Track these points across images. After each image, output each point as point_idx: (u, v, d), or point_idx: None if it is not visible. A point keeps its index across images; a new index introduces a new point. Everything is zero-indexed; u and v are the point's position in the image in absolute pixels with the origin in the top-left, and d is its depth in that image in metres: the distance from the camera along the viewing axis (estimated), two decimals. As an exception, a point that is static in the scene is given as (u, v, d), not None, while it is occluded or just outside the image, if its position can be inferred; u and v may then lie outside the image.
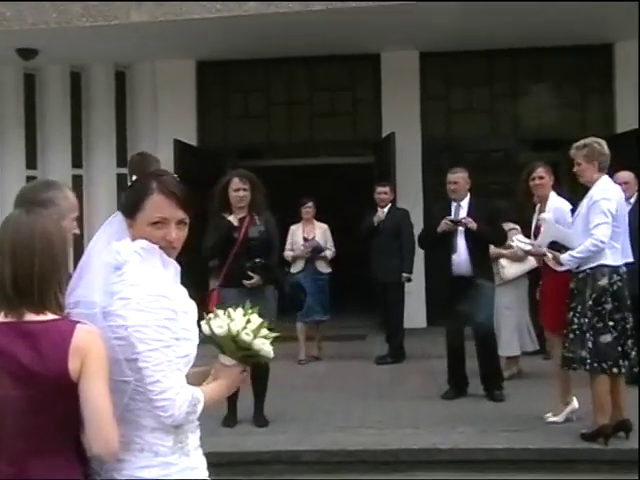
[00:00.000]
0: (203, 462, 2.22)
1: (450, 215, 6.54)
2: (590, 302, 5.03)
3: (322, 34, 9.19)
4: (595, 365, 5.03)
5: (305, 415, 6.14)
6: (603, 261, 5.05)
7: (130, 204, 2.20)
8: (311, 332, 8.50)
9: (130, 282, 2.07)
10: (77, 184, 9.98)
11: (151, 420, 2.07)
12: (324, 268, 8.47)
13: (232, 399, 5.80)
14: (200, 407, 2.11)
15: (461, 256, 6.41)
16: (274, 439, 5.53)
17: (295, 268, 8.36)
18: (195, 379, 2.20)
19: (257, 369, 5.74)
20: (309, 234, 8.51)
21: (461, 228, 6.42)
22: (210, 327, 2.19)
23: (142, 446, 2.07)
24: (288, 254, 8.39)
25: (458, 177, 6.58)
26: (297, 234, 8.53)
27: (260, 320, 2.21)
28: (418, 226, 8.11)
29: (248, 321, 2.18)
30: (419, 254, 8.43)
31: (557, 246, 5.37)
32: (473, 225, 6.35)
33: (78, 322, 2.04)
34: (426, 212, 9.22)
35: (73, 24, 8.43)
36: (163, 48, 9.88)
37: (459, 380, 6.62)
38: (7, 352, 2.00)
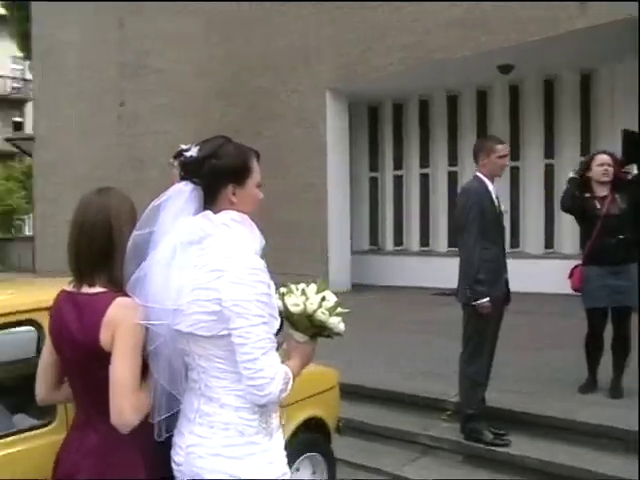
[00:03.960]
0: (282, 443, 2.10)
1: None
2: None
3: None
4: None
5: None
6: None
7: (240, 169, 2.05)
8: None
9: (223, 254, 1.94)
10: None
11: (235, 399, 1.97)
12: None
13: (593, 364, 5.70)
14: (290, 385, 1.97)
15: None
16: (624, 414, 5.10)
17: None
18: None
19: (619, 338, 5.58)
20: None
21: None
22: (285, 304, 2.08)
23: (227, 425, 1.97)
24: None
25: None
26: None
27: (335, 298, 2.11)
28: None
29: (323, 299, 2.07)
30: None
31: None
32: None
33: (119, 295, 2.04)
34: None
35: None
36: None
37: None
38: (64, 319, 2.10)
